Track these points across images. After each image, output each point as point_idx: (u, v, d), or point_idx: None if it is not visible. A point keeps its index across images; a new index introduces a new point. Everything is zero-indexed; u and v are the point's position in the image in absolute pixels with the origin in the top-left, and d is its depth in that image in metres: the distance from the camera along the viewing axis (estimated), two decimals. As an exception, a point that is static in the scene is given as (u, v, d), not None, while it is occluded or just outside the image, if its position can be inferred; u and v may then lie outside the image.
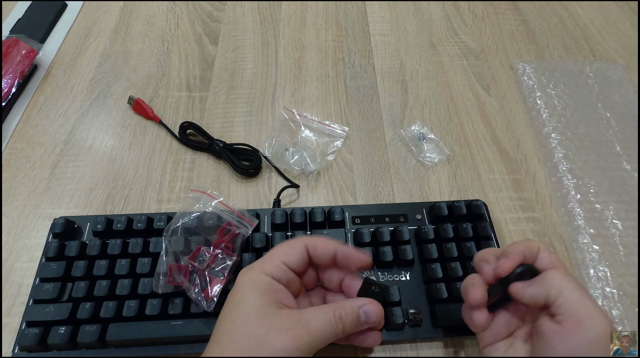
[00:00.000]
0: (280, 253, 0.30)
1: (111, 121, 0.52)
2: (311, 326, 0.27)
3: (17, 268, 0.41)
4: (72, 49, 0.60)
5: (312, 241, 0.31)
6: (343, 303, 0.29)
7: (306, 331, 0.27)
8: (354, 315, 0.29)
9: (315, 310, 0.28)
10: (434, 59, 0.60)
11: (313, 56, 0.60)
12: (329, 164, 0.49)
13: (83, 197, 0.46)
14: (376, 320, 0.29)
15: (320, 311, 0.28)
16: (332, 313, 0.28)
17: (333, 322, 0.28)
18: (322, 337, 0.27)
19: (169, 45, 0.61)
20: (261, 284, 0.28)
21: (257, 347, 0.26)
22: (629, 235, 0.44)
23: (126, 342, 0.35)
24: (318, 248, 0.31)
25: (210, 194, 0.39)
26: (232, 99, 0.55)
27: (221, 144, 0.48)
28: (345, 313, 0.28)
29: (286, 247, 0.31)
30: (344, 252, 0.31)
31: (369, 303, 0.29)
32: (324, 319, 0.27)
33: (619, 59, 0.61)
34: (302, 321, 0.27)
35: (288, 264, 0.30)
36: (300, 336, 0.26)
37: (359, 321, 0.29)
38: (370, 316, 0.29)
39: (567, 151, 0.50)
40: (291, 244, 0.31)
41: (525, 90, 0.56)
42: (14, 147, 0.50)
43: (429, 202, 0.44)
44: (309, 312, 0.28)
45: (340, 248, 0.31)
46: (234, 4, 0.67)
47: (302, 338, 0.26)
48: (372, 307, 0.29)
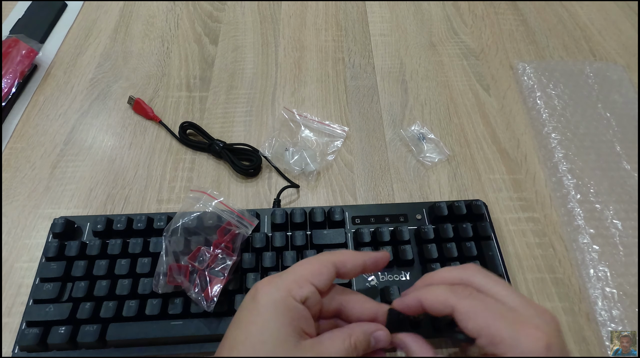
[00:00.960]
0: (309, 273, 0.28)
1: (111, 121, 0.52)
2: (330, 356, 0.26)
3: (17, 268, 0.41)
4: (72, 49, 0.60)
5: (340, 258, 0.29)
6: (356, 328, 0.28)
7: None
8: (366, 341, 0.28)
9: (332, 337, 0.27)
10: (434, 59, 0.60)
11: (313, 56, 0.60)
12: (329, 164, 0.49)
13: (83, 197, 0.46)
14: (384, 345, 0.29)
15: (337, 339, 0.27)
16: (348, 340, 0.27)
17: (350, 349, 0.27)
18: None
19: (169, 45, 0.61)
20: (288, 311, 0.26)
21: None
22: (629, 235, 0.44)
23: (126, 342, 0.35)
24: (348, 264, 0.29)
25: (210, 194, 0.39)
26: (232, 99, 0.55)
27: (221, 144, 0.48)
28: (359, 341, 0.28)
29: (314, 265, 0.29)
30: (371, 259, 0.30)
31: (380, 329, 0.29)
32: (341, 347, 0.27)
33: (619, 59, 0.61)
34: (322, 352, 0.26)
35: (317, 285, 0.28)
36: None
37: (369, 346, 0.29)
38: (380, 342, 0.29)
39: (567, 151, 0.50)
40: (319, 262, 0.29)
41: (525, 90, 0.56)
42: (14, 147, 0.50)
43: (429, 202, 0.44)
44: (326, 340, 0.27)
45: (367, 257, 0.30)
46: (234, 4, 0.67)
47: None
48: (383, 333, 0.29)
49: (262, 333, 0.26)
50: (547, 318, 0.27)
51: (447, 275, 0.30)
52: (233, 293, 0.37)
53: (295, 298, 0.27)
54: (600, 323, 0.39)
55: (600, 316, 0.39)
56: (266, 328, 0.26)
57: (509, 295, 0.27)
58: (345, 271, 0.29)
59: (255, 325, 0.26)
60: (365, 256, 0.30)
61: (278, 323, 0.26)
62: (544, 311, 0.27)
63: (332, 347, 0.27)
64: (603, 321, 0.39)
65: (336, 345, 0.27)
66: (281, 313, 0.26)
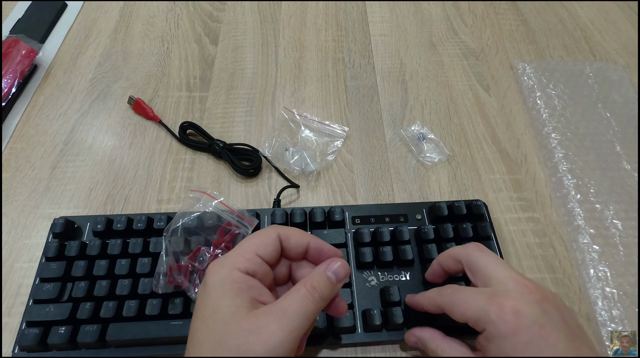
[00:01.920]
0: (253, 244, 0.28)
1: (111, 121, 0.52)
2: (289, 312, 0.25)
3: (17, 268, 0.41)
4: (72, 49, 0.60)
5: (285, 232, 0.29)
6: (309, 274, 0.28)
7: (286, 320, 0.25)
8: (324, 279, 0.28)
9: (287, 294, 0.27)
10: (434, 59, 0.60)
11: (313, 56, 0.60)
12: (329, 164, 0.49)
13: (83, 197, 0.46)
14: (346, 273, 0.29)
15: (291, 292, 0.27)
16: (303, 287, 0.27)
17: (308, 295, 0.26)
18: (305, 316, 0.26)
19: (169, 45, 0.61)
20: (234, 283, 0.26)
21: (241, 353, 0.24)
22: (629, 235, 0.44)
23: (126, 342, 0.35)
24: (291, 239, 0.29)
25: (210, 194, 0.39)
26: (232, 99, 0.55)
27: (221, 144, 0.48)
28: (317, 281, 0.27)
29: (259, 237, 0.29)
30: (316, 245, 0.30)
31: (332, 261, 0.29)
32: (298, 297, 0.26)
33: (619, 59, 0.61)
34: (278, 312, 0.25)
35: (262, 256, 0.28)
36: (280, 328, 0.25)
37: (331, 283, 0.28)
38: (340, 272, 0.28)
39: (567, 151, 0.50)
40: (264, 234, 0.29)
41: (525, 90, 0.56)
42: (14, 147, 0.50)
43: (429, 202, 0.44)
44: (281, 299, 0.26)
45: (313, 240, 0.30)
46: (234, 4, 0.67)
47: (284, 329, 0.25)
48: (338, 265, 0.28)
49: (214, 312, 0.26)
50: (524, 289, 0.28)
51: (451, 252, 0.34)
52: (233, 293, 0.37)
53: (240, 270, 0.27)
54: (600, 323, 0.39)
55: (600, 316, 0.39)
56: (216, 306, 0.26)
57: (497, 272, 0.30)
58: (288, 246, 0.29)
59: (207, 308, 0.26)
60: (311, 239, 0.30)
61: (226, 299, 0.26)
62: (524, 284, 0.29)
63: (289, 302, 0.26)
64: (603, 321, 0.39)
65: (292, 297, 0.26)
66: (228, 289, 0.26)
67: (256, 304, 0.26)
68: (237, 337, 0.24)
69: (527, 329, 0.26)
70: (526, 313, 0.27)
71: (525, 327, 0.26)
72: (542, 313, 0.27)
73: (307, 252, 0.30)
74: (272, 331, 0.24)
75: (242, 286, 0.26)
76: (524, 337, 0.26)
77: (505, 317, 0.27)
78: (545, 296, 0.28)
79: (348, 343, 0.37)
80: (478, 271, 0.31)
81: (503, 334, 0.27)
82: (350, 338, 0.36)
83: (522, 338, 0.26)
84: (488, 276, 0.30)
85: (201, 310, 0.26)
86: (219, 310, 0.25)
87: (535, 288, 0.28)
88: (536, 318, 0.27)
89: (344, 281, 0.29)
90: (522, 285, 0.28)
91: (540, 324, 0.27)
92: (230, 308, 0.25)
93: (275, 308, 0.26)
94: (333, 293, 0.28)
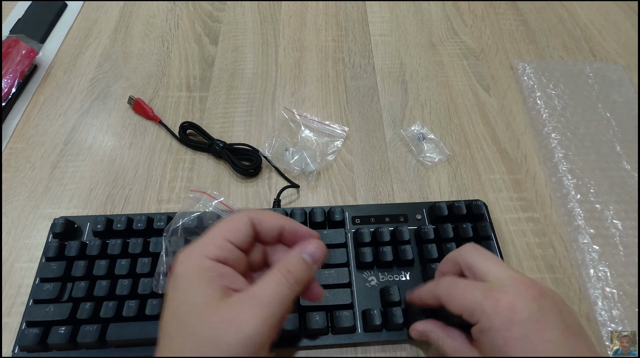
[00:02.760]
0: (224, 230, 0.27)
1: (111, 121, 0.52)
2: (263, 298, 0.24)
3: (17, 268, 0.41)
4: (72, 49, 0.60)
5: (258, 215, 0.28)
6: (285, 257, 0.27)
7: (260, 307, 0.24)
8: (300, 262, 0.27)
9: (260, 280, 0.25)
10: (434, 59, 0.60)
11: (313, 56, 0.60)
12: (329, 164, 0.49)
13: (83, 197, 0.46)
14: (322, 254, 0.28)
15: (265, 277, 0.26)
16: (278, 272, 0.26)
17: (283, 279, 0.25)
18: (280, 301, 0.25)
19: (169, 45, 0.61)
20: (204, 272, 0.25)
21: (213, 349, 0.23)
22: (629, 235, 0.44)
23: (126, 342, 0.35)
24: (264, 223, 0.28)
25: (210, 194, 0.39)
26: (232, 99, 0.55)
27: (221, 144, 0.48)
28: (292, 264, 0.26)
29: (230, 223, 0.27)
30: (291, 227, 0.29)
31: (308, 243, 0.28)
32: (273, 282, 0.25)
33: (619, 59, 0.61)
34: (251, 300, 0.24)
35: (233, 241, 0.26)
36: (255, 317, 0.23)
37: (307, 265, 0.27)
38: (316, 254, 0.27)
39: (567, 151, 0.50)
40: (235, 219, 0.27)
41: (525, 90, 0.56)
42: (14, 147, 0.50)
43: (429, 202, 0.44)
44: (255, 286, 0.25)
45: (288, 223, 0.29)
46: (234, 4, 0.67)
47: (258, 317, 0.24)
48: (313, 246, 0.27)
49: (184, 304, 0.24)
50: (521, 285, 0.28)
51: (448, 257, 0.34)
52: (233, 293, 0.37)
53: (210, 258, 0.25)
54: (600, 323, 0.39)
55: (600, 316, 0.39)
56: (186, 297, 0.24)
57: (494, 270, 0.30)
58: (262, 230, 0.28)
59: (176, 299, 0.25)
60: (286, 221, 0.29)
61: (197, 289, 0.24)
62: (521, 281, 0.28)
63: (263, 287, 0.25)
64: (603, 321, 0.39)
65: (267, 283, 0.25)
66: (198, 278, 0.25)
67: (229, 292, 0.25)
68: (209, 328, 0.23)
69: (521, 324, 0.26)
70: (521, 308, 0.27)
71: (520, 322, 0.26)
72: (537, 309, 0.27)
73: (282, 235, 0.29)
74: (246, 320, 0.23)
75: (213, 275, 0.25)
76: (518, 331, 0.26)
77: (500, 311, 0.27)
78: (542, 293, 0.28)
79: (348, 343, 0.37)
80: (474, 268, 0.31)
81: (497, 328, 0.27)
82: (350, 338, 0.36)
83: (515, 333, 0.26)
84: (485, 273, 0.30)
85: (171, 303, 0.25)
86: (190, 301, 0.24)
87: (532, 284, 0.28)
88: (531, 313, 0.26)
89: (321, 263, 0.28)
90: (519, 282, 0.28)
91: (535, 320, 0.26)
92: (201, 299, 0.24)
93: (248, 295, 0.25)
94: (309, 276, 0.27)
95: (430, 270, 0.39)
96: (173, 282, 0.25)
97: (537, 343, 0.26)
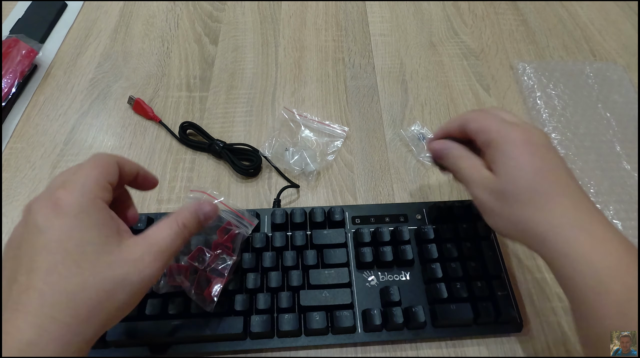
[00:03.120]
0: (103, 171, 0.27)
1: (111, 121, 0.52)
2: (162, 245, 0.27)
3: (17, 268, 0.41)
4: (72, 49, 0.60)
5: (120, 159, 0.29)
6: (181, 211, 0.30)
7: (159, 253, 0.27)
8: (195, 219, 0.30)
9: (158, 227, 0.28)
10: (434, 59, 0.60)
11: (313, 56, 0.60)
12: (329, 164, 0.49)
13: (83, 197, 0.46)
14: (214, 213, 0.31)
15: (163, 226, 0.28)
16: (175, 224, 0.28)
17: (179, 231, 0.28)
18: (174, 250, 0.28)
19: (169, 45, 0.61)
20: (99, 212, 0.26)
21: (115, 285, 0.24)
22: (629, 235, 0.44)
23: (126, 342, 0.35)
24: (126, 166, 0.30)
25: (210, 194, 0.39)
26: (232, 99, 0.55)
27: (221, 144, 0.48)
28: (188, 219, 0.29)
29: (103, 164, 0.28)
30: (144, 172, 0.32)
31: (204, 204, 0.31)
32: (171, 233, 0.28)
33: (619, 59, 0.61)
34: (152, 245, 0.27)
35: (112, 183, 0.28)
36: (155, 260, 0.26)
37: (200, 224, 0.30)
38: (208, 214, 0.31)
39: (567, 151, 0.50)
40: (106, 160, 0.28)
41: (525, 90, 0.56)
42: (14, 147, 0.50)
43: (429, 202, 0.44)
44: (152, 232, 0.28)
45: (142, 168, 0.31)
46: (234, 4, 0.67)
47: (158, 261, 0.26)
48: (207, 206, 0.31)
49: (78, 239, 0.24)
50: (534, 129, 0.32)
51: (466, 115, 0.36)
52: (233, 293, 0.37)
53: (103, 199, 0.26)
54: (600, 323, 0.39)
55: (600, 316, 0.39)
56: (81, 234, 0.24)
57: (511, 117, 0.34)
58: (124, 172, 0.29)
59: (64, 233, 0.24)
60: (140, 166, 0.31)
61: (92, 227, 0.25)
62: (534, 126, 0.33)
63: (162, 236, 0.27)
64: (603, 321, 0.39)
65: (165, 232, 0.28)
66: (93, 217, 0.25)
67: (123, 234, 0.27)
68: (111, 268, 0.25)
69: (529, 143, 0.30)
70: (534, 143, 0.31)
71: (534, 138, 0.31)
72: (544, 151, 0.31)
73: (136, 178, 0.31)
74: (148, 263, 0.26)
75: (107, 216, 0.26)
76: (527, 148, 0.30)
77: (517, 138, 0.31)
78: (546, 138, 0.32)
79: (348, 343, 0.37)
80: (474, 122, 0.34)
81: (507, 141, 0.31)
82: (350, 338, 0.37)
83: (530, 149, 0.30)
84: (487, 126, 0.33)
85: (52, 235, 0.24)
86: (85, 238, 0.24)
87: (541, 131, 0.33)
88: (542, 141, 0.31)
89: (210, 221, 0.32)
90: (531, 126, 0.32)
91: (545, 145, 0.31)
92: (100, 239, 0.25)
93: (148, 241, 0.27)
94: (198, 230, 0.31)
95: (431, 270, 0.39)
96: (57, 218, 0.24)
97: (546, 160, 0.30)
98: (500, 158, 0.31)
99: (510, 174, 0.30)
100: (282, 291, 0.38)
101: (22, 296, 0.23)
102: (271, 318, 0.36)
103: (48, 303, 0.23)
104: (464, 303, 0.37)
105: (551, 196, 0.29)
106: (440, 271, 0.39)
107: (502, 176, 0.30)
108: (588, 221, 0.28)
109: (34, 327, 0.22)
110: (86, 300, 0.23)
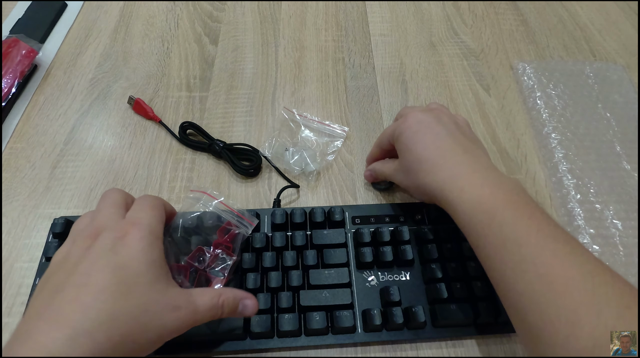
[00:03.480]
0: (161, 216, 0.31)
1: (111, 121, 0.52)
2: (199, 309, 0.29)
3: (17, 268, 0.41)
4: (72, 49, 0.60)
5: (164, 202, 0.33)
6: (227, 291, 0.31)
7: (194, 312, 0.28)
8: (235, 306, 0.31)
9: (202, 293, 0.30)
10: (434, 59, 0.60)
11: (313, 56, 0.60)
12: (329, 164, 0.49)
13: (83, 197, 0.46)
14: (251, 314, 0.32)
15: (207, 295, 0.30)
16: (217, 299, 0.30)
17: (217, 307, 0.30)
18: (205, 319, 0.29)
19: (169, 45, 0.61)
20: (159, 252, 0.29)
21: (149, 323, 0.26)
22: (629, 235, 0.44)
23: (126, 342, 0.35)
24: (167, 206, 0.34)
25: (210, 194, 0.39)
26: (232, 99, 0.55)
27: (221, 144, 0.48)
28: (228, 303, 0.30)
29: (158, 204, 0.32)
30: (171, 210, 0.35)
31: (249, 298, 0.32)
32: (210, 304, 0.29)
33: (619, 59, 0.61)
34: (192, 302, 0.28)
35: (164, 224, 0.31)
36: (188, 317, 0.28)
37: (236, 311, 0.31)
38: (247, 309, 0.32)
39: (567, 151, 0.50)
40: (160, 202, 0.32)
41: (525, 90, 0.56)
42: (14, 147, 0.50)
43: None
44: (196, 294, 0.29)
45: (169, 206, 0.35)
46: (234, 4, 0.67)
47: (190, 319, 0.28)
48: (251, 302, 0.32)
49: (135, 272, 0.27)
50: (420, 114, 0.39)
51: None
52: (233, 293, 0.37)
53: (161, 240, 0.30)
54: (600, 323, 0.39)
55: (600, 316, 0.39)
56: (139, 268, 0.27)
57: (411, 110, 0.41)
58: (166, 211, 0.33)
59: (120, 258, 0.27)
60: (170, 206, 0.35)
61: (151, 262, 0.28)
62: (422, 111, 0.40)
63: (202, 301, 0.29)
64: (603, 321, 0.39)
65: (205, 300, 0.29)
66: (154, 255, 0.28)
67: (170, 281, 0.29)
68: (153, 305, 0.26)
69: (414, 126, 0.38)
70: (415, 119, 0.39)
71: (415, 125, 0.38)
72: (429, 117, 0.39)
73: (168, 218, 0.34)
74: (182, 315, 0.27)
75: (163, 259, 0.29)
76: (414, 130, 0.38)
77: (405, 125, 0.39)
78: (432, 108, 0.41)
79: (348, 343, 0.37)
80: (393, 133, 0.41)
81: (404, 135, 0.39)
82: (350, 338, 0.37)
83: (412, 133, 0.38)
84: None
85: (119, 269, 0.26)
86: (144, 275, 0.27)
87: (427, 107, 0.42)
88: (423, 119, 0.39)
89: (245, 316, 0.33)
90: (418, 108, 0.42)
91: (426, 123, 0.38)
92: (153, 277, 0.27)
93: (190, 298, 0.29)
94: (230, 316, 0.31)
95: (431, 270, 0.39)
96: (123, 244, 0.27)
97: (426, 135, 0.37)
98: (398, 147, 0.40)
99: (404, 155, 0.39)
100: (282, 291, 0.38)
101: (65, 307, 0.24)
102: (271, 318, 0.36)
103: (90, 319, 0.24)
104: (464, 303, 0.37)
105: (435, 162, 0.36)
106: (440, 271, 0.39)
107: (401, 159, 0.39)
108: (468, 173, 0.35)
109: (68, 339, 0.23)
110: (123, 326, 0.25)
